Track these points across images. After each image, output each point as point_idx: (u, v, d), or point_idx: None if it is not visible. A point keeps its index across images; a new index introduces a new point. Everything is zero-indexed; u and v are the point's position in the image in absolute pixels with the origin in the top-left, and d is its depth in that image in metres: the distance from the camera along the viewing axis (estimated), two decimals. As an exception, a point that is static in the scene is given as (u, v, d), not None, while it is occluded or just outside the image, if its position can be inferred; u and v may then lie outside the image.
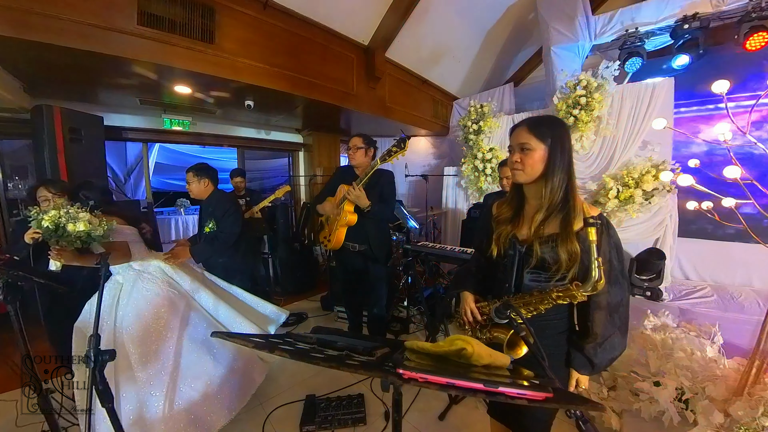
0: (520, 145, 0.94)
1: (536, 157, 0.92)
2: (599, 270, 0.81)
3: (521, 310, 0.94)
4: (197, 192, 2.18)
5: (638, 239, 3.17)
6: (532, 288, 0.96)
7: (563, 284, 0.91)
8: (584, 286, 0.84)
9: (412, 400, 1.93)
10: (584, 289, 0.84)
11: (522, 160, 0.93)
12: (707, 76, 2.44)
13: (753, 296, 2.96)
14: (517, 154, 0.95)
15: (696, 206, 1.81)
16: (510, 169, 0.99)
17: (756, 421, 1.40)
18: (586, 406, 0.58)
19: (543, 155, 0.92)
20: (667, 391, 1.63)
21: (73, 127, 2.69)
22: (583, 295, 0.85)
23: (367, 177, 1.94)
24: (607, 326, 0.93)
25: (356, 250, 2.13)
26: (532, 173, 0.94)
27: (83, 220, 1.38)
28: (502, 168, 2.38)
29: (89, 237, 1.40)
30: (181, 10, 2.27)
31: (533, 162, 0.92)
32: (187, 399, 1.55)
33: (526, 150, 0.93)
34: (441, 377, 0.56)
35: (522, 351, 0.95)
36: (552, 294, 0.89)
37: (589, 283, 0.83)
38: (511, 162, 0.97)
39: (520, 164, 0.94)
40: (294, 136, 4.88)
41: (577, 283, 0.86)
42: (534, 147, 0.92)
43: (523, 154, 0.93)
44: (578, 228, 0.91)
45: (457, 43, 4.26)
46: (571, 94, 3.28)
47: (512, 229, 1.01)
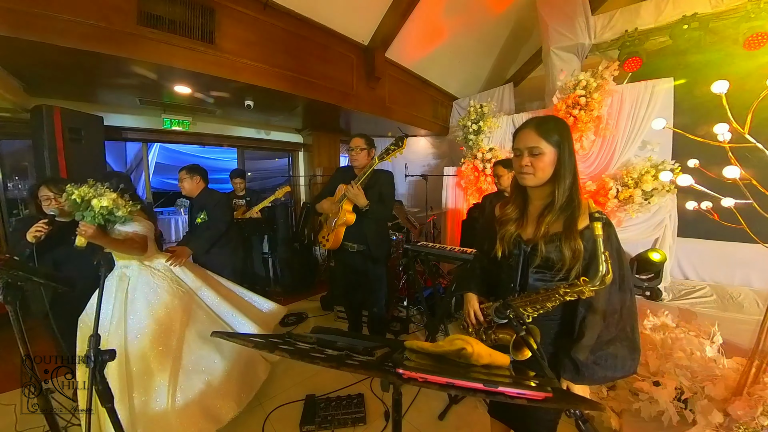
0: (529, 149, 0.92)
1: (547, 160, 0.91)
2: (607, 264, 0.81)
3: (528, 309, 0.94)
4: (189, 189, 2.33)
5: (638, 239, 3.17)
6: (537, 287, 0.95)
7: (569, 282, 0.90)
8: (592, 281, 0.84)
9: (411, 400, 1.93)
10: (592, 284, 0.83)
11: (532, 164, 0.91)
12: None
13: (752, 296, 2.96)
14: (526, 158, 0.92)
15: (695, 206, 1.81)
16: (517, 173, 0.97)
17: (755, 420, 1.40)
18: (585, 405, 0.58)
19: (553, 158, 0.91)
20: (666, 390, 1.64)
21: (73, 127, 2.69)
22: (591, 290, 0.85)
23: (366, 176, 1.94)
24: (599, 329, 0.89)
25: (355, 250, 2.13)
26: (543, 177, 0.92)
27: (108, 198, 1.49)
28: (497, 167, 2.39)
29: (111, 214, 1.50)
30: (181, 11, 2.28)
31: (544, 165, 0.91)
32: (198, 392, 1.59)
33: (536, 154, 0.91)
34: (441, 377, 0.56)
35: (528, 353, 0.92)
36: (560, 290, 0.89)
37: (597, 277, 0.82)
38: (519, 166, 0.95)
39: (531, 168, 0.92)
40: (294, 136, 4.88)
41: (584, 278, 0.85)
42: (544, 150, 0.90)
43: (533, 158, 0.91)
44: (582, 226, 0.91)
45: (457, 43, 4.27)
46: (571, 94, 3.28)
47: (516, 229, 1.01)
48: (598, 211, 0.83)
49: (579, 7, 3.39)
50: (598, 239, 0.81)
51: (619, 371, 0.91)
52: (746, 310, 2.74)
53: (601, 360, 0.90)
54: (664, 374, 1.77)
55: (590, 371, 0.90)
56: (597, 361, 0.90)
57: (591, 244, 0.87)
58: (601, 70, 3.23)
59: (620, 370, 0.91)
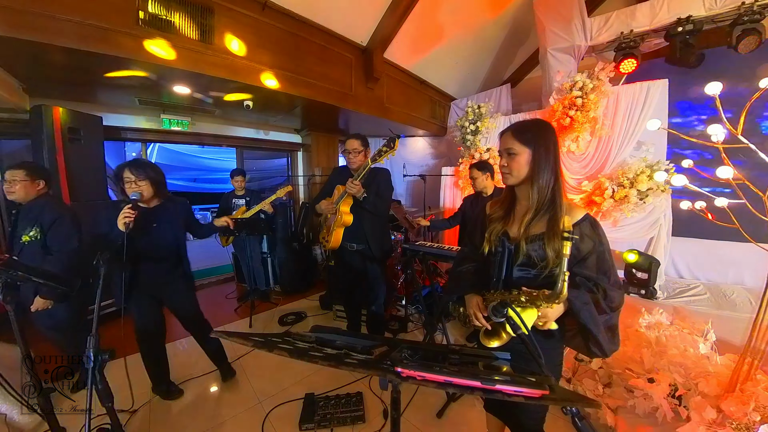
0: (506, 150, 0.99)
1: (521, 160, 0.97)
2: (564, 284, 0.84)
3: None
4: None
5: (633, 238, 3.21)
6: (520, 283, 0.98)
7: (547, 281, 0.92)
8: (550, 296, 0.86)
9: (410, 398, 1.94)
10: (548, 300, 0.86)
11: (508, 164, 0.99)
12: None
13: (745, 294, 3.00)
14: (504, 158, 1.01)
15: (689, 206, 1.84)
16: (500, 172, 1.04)
17: (747, 416, 1.43)
18: (581, 402, 0.59)
19: (527, 158, 0.96)
20: (660, 387, 1.66)
21: (72, 127, 2.69)
22: (546, 305, 0.87)
23: (361, 176, 1.94)
24: (599, 322, 0.92)
25: (354, 250, 2.14)
26: (519, 175, 0.99)
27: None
28: (471, 170, 2.45)
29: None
30: (180, 11, 2.28)
31: (518, 165, 0.97)
32: None
33: (511, 154, 0.98)
34: (439, 375, 0.58)
35: (494, 343, 0.97)
36: (521, 297, 0.91)
37: (554, 293, 0.85)
38: (500, 166, 1.03)
39: (507, 168, 1.00)
40: (293, 136, 4.89)
41: (545, 291, 0.88)
42: (518, 151, 0.97)
43: (509, 159, 0.99)
44: (564, 228, 0.92)
45: (455, 44, 4.28)
46: (568, 95, 3.31)
47: (503, 227, 1.05)
48: (568, 231, 0.84)
49: (575, 9, 3.42)
50: (564, 259, 0.84)
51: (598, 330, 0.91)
52: (739, 308, 2.78)
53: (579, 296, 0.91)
54: (658, 371, 1.80)
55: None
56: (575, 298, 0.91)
57: (579, 243, 0.93)
58: (597, 71, 3.26)
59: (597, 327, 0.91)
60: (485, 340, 0.99)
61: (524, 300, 0.91)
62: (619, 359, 1.98)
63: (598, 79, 3.23)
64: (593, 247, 0.95)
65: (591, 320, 0.90)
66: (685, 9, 2.96)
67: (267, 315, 3.27)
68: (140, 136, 3.65)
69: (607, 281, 0.94)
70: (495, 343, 0.97)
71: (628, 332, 2.28)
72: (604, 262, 0.95)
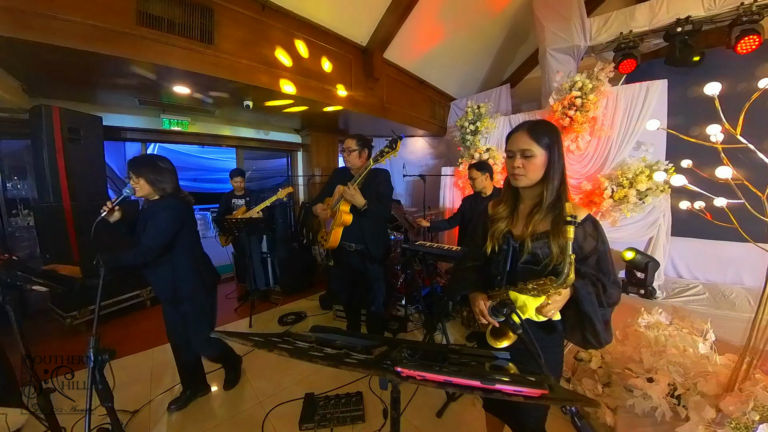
0: (522, 152, 0.97)
1: (538, 163, 0.96)
2: (571, 267, 0.85)
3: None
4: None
5: (632, 238, 3.22)
6: (525, 279, 0.98)
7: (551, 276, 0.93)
8: (558, 280, 0.87)
9: (410, 398, 1.94)
10: (556, 284, 0.87)
11: (524, 166, 0.97)
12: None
13: (744, 294, 3.00)
14: (519, 160, 0.98)
15: (689, 206, 1.84)
16: (510, 174, 1.02)
17: (746, 416, 1.43)
18: (581, 402, 0.60)
19: (543, 161, 0.96)
20: (659, 387, 1.66)
21: (72, 127, 2.69)
22: (555, 289, 0.88)
23: (362, 177, 1.95)
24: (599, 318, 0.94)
25: (353, 249, 2.14)
26: (534, 178, 0.98)
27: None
28: (470, 170, 2.45)
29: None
30: (180, 11, 2.28)
31: (535, 167, 0.97)
32: None
33: (528, 156, 0.96)
34: (438, 375, 0.58)
35: (503, 343, 0.96)
36: (528, 286, 0.93)
37: (562, 278, 0.86)
38: (512, 167, 1.00)
39: (523, 169, 0.98)
40: (292, 136, 4.89)
41: (552, 277, 0.89)
42: (536, 153, 0.96)
43: (525, 160, 0.97)
44: (567, 213, 0.93)
45: (455, 45, 4.29)
46: (567, 95, 3.31)
47: (506, 226, 1.05)
48: (571, 215, 0.85)
49: (575, 9, 3.42)
50: (568, 243, 0.84)
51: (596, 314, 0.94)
52: (738, 308, 2.78)
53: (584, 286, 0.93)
54: (657, 371, 1.80)
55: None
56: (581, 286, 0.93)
57: (582, 242, 0.94)
58: (596, 71, 3.26)
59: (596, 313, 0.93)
60: (492, 341, 0.97)
61: (532, 288, 0.91)
62: (618, 359, 1.99)
63: (597, 79, 3.24)
64: (595, 247, 0.96)
65: (593, 309, 0.92)
66: (684, 9, 2.97)
67: (267, 315, 3.27)
68: (140, 136, 3.65)
69: (608, 279, 0.95)
70: (504, 343, 0.95)
71: (628, 332, 2.28)
72: (604, 261, 0.97)
